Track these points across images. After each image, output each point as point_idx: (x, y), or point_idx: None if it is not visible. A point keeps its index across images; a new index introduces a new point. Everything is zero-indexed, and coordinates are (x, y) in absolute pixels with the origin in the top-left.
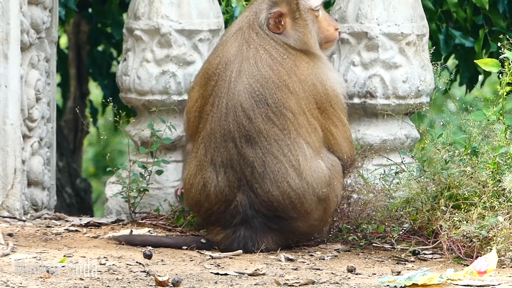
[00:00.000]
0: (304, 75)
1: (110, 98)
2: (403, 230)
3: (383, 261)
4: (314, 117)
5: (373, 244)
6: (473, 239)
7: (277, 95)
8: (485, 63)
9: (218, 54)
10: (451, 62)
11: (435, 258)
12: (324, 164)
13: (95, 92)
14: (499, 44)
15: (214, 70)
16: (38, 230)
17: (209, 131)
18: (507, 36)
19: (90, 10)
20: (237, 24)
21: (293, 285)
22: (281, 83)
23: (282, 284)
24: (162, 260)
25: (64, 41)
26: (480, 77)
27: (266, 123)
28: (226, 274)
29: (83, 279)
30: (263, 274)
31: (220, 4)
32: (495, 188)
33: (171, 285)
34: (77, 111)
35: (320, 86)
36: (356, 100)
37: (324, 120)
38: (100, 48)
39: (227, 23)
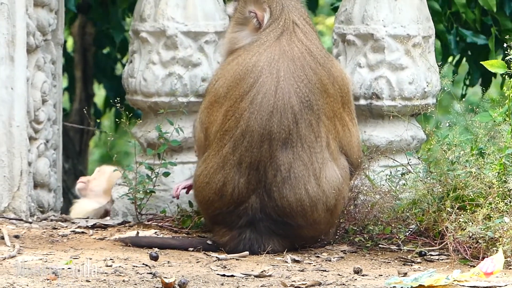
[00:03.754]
0: (337, 73)
1: (118, 99)
2: (409, 231)
3: (389, 262)
4: (339, 118)
5: (380, 246)
6: (479, 240)
7: (320, 101)
8: (491, 64)
9: (254, 52)
10: (461, 66)
11: (442, 259)
12: (339, 172)
13: (99, 94)
14: (505, 44)
15: (252, 67)
16: (44, 232)
17: (244, 129)
18: None
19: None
20: (276, 22)
21: (299, 287)
22: (323, 88)
23: (288, 285)
24: (168, 261)
25: (70, 43)
26: (494, 79)
27: (307, 128)
28: (232, 276)
29: (90, 281)
30: (270, 275)
31: (225, 5)
32: (501, 189)
33: (178, 287)
34: (85, 111)
35: (346, 80)
36: (362, 102)
37: (347, 117)
38: (105, 51)
39: None
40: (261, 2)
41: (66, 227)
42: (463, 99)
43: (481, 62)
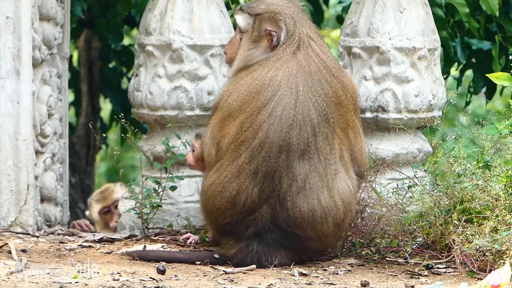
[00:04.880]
0: (348, 82)
1: (122, 115)
2: (416, 244)
3: (396, 275)
4: (351, 126)
5: (387, 258)
6: (486, 253)
7: (335, 114)
8: (497, 77)
9: (270, 67)
10: (465, 75)
11: (449, 272)
12: (350, 182)
13: (105, 108)
14: (510, 56)
15: (269, 81)
16: (51, 246)
17: (263, 140)
18: None
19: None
20: (292, 38)
21: None
22: (337, 100)
23: None
24: (175, 275)
25: (75, 57)
26: (498, 87)
27: (324, 141)
28: None
29: None
30: None
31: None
32: (508, 202)
33: None
34: (90, 126)
35: (355, 88)
36: (368, 115)
37: (358, 123)
38: (110, 65)
39: None
40: (277, 20)
41: (73, 241)
42: (467, 107)
43: (486, 75)
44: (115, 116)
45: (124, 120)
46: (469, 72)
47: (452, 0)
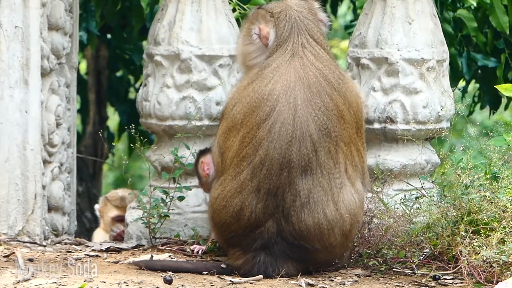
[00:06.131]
0: (352, 97)
1: (133, 126)
2: (423, 255)
3: (403, 286)
4: (354, 143)
5: (394, 269)
6: (493, 264)
7: (337, 127)
8: (505, 89)
9: (269, 79)
10: (472, 86)
11: (456, 283)
12: (356, 195)
13: (113, 118)
14: None
15: (268, 96)
16: (58, 255)
17: (263, 157)
18: None
19: (109, 35)
20: (284, 45)
21: None
22: (339, 114)
23: None
24: (182, 285)
25: (83, 66)
26: (503, 100)
27: (326, 156)
28: None
29: None
30: None
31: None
32: None
33: None
34: (100, 134)
35: (360, 104)
36: (376, 126)
37: (359, 141)
38: (118, 74)
39: None
40: (267, 20)
41: (80, 250)
42: (476, 118)
43: (495, 86)
44: (125, 126)
45: (134, 130)
46: (474, 86)
47: (460, 14)
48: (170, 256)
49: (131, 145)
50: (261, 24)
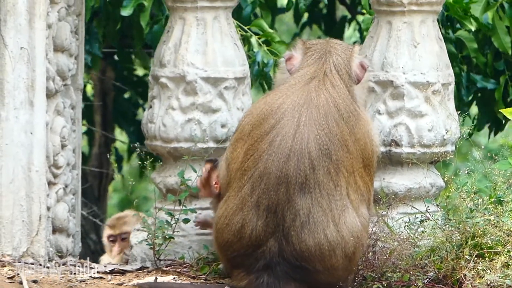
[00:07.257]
0: (359, 134)
1: (138, 143)
2: (428, 279)
3: None
4: (359, 176)
5: None
6: None
7: (339, 152)
8: (510, 112)
9: (281, 94)
10: (473, 108)
11: None
12: (358, 220)
13: (120, 139)
14: None
15: (276, 109)
16: (62, 277)
17: (262, 171)
18: None
19: (116, 57)
20: (307, 68)
21: None
22: (343, 142)
23: None
24: None
25: (89, 87)
26: (506, 123)
27: (325, 176)
28: None
29: None
30: None
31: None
32: None
33: None
34: (108, 156)
35: (369, 145)
36: (381, 149)
37: (366, 176)
38: (126, 95)
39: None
40: (299, 48)
41: (85, 272)
42: (482, 142)
43: (500, 110)
44: (133, 145)
45: (142, 151)
46: (475, 107)
47: (460, 35)
48: (174, 278)
49: (141, 164)
50: (292, 51)
